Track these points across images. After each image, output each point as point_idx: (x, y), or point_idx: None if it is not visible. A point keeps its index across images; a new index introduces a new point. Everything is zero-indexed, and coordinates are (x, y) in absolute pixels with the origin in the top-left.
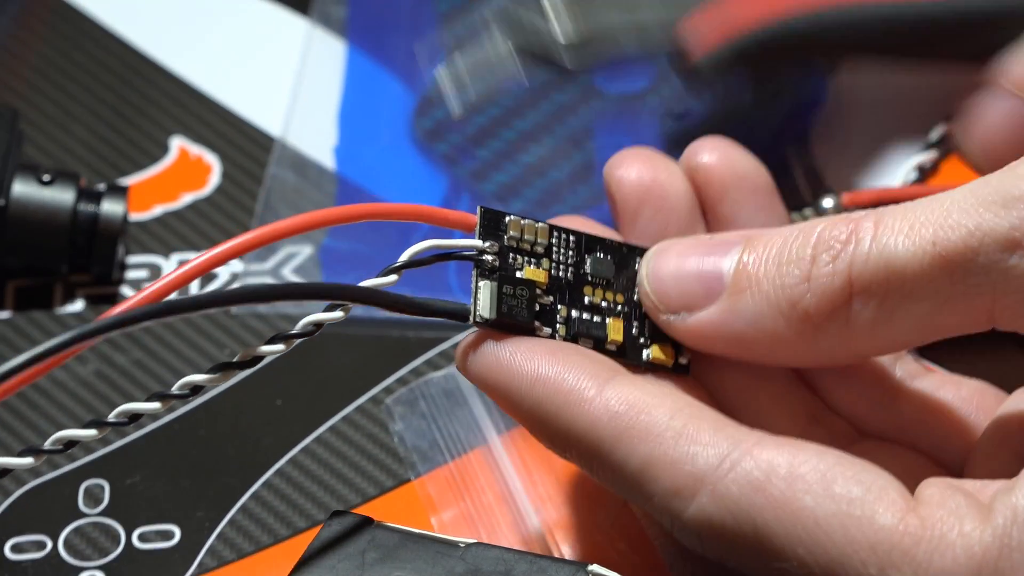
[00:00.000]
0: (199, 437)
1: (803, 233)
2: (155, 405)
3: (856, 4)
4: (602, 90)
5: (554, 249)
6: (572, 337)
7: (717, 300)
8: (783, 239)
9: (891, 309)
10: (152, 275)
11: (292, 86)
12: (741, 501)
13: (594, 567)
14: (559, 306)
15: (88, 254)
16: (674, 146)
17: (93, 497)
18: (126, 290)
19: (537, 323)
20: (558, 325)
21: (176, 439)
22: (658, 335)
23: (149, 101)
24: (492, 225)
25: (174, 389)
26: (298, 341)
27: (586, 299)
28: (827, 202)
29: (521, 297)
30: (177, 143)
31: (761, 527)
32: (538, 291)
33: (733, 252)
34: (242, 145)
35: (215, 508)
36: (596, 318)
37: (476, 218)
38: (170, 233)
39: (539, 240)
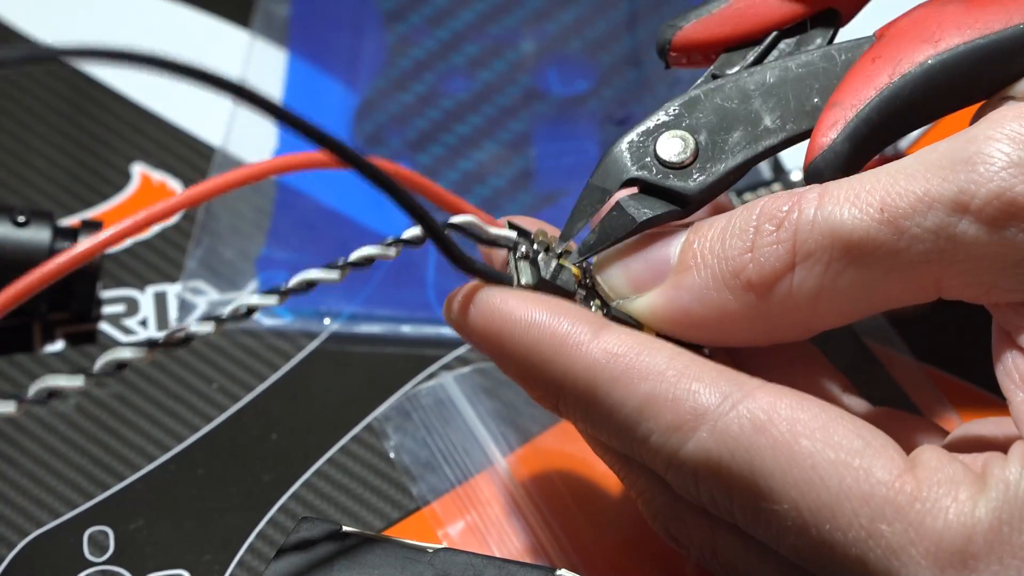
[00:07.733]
0: (198, 476)
1: (746, 209)
2: (142, 352)
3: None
4: (544, 91)
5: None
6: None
7: (664, 280)
8: (728, 217)
9: (835, 276)
10: (129, 310)
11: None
12: (741, 439)
13: (562, 572)
14: (592, 301)
15: (67, 293)
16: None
17: (98, 545)
18: (105, 327)
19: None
20: (594, 309)
21: (175, 480)
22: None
23: (105, 127)
24: (522, 234)
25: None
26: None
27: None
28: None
29: (564, 271)
30: (138, 169)
31: (758, 466)
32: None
33: (679, 237)
34: (202, 168)
35: (223, 550)
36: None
37: (500, 222)
38: (143, 265)
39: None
